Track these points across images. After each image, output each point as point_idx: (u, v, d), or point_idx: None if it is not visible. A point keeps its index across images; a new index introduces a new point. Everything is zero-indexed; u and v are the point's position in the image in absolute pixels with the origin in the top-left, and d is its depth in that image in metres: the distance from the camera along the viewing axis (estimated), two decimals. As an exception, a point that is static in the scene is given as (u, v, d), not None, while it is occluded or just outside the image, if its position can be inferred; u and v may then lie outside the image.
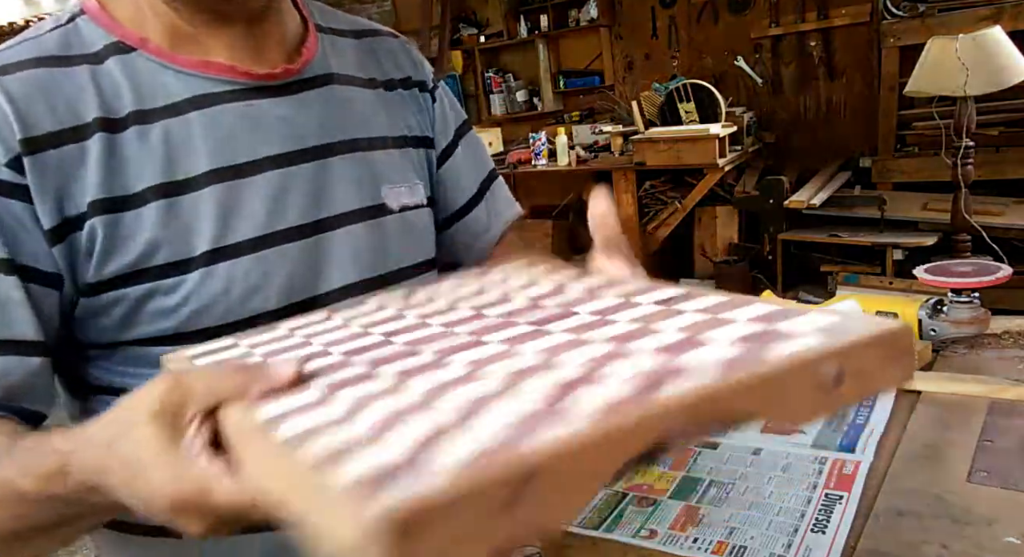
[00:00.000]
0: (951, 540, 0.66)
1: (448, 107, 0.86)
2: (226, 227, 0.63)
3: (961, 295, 1.06)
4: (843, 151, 3.75)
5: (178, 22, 0.65)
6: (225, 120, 0.65)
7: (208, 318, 0.63)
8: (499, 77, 5.01)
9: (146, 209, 0.61)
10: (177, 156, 0.63)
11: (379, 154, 0.74)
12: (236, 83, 0.66)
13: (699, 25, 4.14)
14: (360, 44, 0.79)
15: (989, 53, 2.45)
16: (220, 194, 0.63)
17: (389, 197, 0.74)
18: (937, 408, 0.89)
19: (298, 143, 0.68)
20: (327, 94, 0.72)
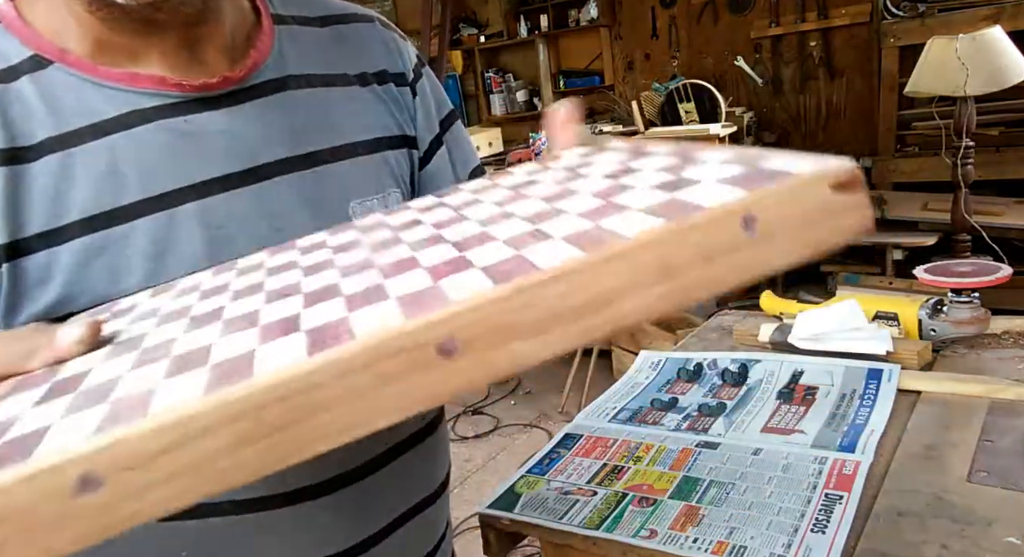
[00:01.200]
0: (951, 540, 0.66)
1: (432, 100, 0.77)
2: (160, 265, 0.55)
3: (961, 295, 1.06)
4: (843, 151, 3.75)
5: (104, 31, 0.57)
6: (156, 141, 0.56)
7: None
8: (499, 77, 5.02)
9: (64, 249, 0.53)
10: (102, 185, 0.54)
11: (346, 165, 0.66)
12: (168, 96, 0.58)
13: (699, 25, 4.14)
14: (327, 33, 0.70)
15: (989, 53, 2.45)
16: (152, 227, 0.55)
17: (358, 213, 0.65)
18: (937, 408, 0.89)
19: (245, 162, 0.59)
20: (281, 102, 0.63)
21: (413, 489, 0.72)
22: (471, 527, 2.24)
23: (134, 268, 0.54)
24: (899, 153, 3.38)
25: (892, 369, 0.97)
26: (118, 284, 0.54)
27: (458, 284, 0.30)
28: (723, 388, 1.04)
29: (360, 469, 0.65)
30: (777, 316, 1.21)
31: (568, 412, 3.19)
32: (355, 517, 0.65)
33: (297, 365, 0.28)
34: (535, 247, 0.32)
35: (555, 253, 0.30)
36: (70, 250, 0.53)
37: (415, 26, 4.79)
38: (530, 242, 0.32)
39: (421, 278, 0.33)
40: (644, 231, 0.29)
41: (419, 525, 0.72)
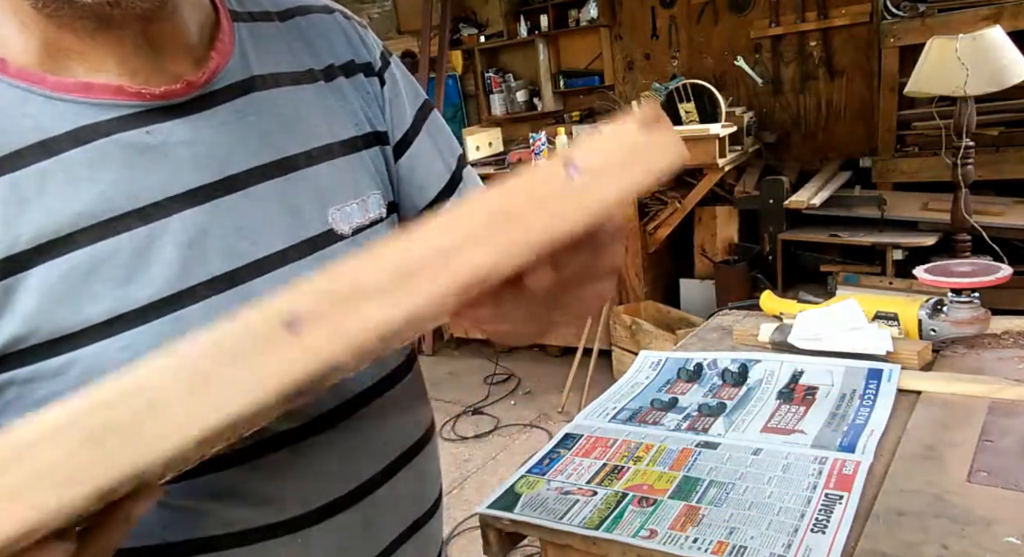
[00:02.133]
0: (951, 540, 0.66)
1: (403, 90, 0.73)
2: (128, 290, 0.51)
3: (961, 295, 1.06)
4: (843, 151, 3.75)
5: (54, 35, 0.51)
6: (116, 155, 0.52)
7: None
8: (499, 77, 5.01)
9: (21, 278, 0.49)
10: (58, 207, 0.50)
11: (322, 168, 0.62)
12: (127, 106, 0.53)
13: (699, 25, 4.14)
14: (287, 27, 0.66)
15: (989, 53, 2.45)
16: (119, 248, 0.51)
17: (338, 220, 0.62)
18: (937, 408, 0.89)
19: (215, 173, 0.55)
20: (247, 106, 0.59)
21: (410, 508, 0.71)
22: (471, 527, 2.24)
23: (100, 295, 0.50)
24: (899, 153, 3.38)
25: (892, 369, 0.97)
26: (82, 313, 0.50)
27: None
28: (723, 388, 1.04)
29: (357, 492, 0.64)
30: (777, 316, 1.21)
31: (568, 412, 3.19)
32: (356, 541, 0.64)
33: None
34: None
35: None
36: (27, 279, 0.49)
37: (415, 26, 4.79)
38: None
39: None
40: (477, 191, 0.35)
41: (418, 543, 0.72)
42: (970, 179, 2.62)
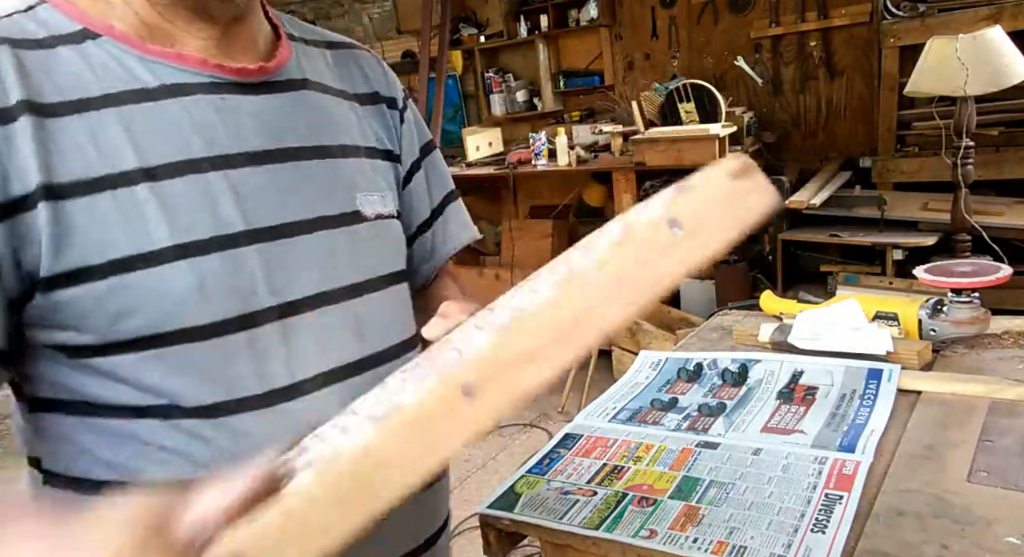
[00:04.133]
0: (951, 540, 0.66)
1: (415, 128, 0.85)
2: (194, 221, 0.60)
3: (961, 295, 1.06)
4: (843, 151, 3.75)
5: (152, 16, 0.63)
6: (199, 110, 0.63)
7: (177, 319, 0.59)
8: (499, 77, 5.01)
9: (113, 195, 0.58)
10: (148, 143, 0.60)
11: (352, 162, 0.73)
12: (209, 76, 0.64)
13: (699, 25, 4.14)
14: (332, 55, 0.79)
15: (989, 53, 2.45)
16: (191, 186, 0.61)
17: (364, 205, 0.72)
18: (937, 408, 0.89)
19: (274, 142, 0.66)
20: (302, 98, 0.71)
21: (423, 527, 0.77)
22: (471, 527, 2.24)
23: (171, 223, 0.59)
24: (899, 153, 3.38)
25: (892, 369, 0.97)
26: (153, 235, 0.58)
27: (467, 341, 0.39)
28: (723, 388, 1.04)
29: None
30: (777, 316, 1.21)
31: (568, 412, 3.19)
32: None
33: None
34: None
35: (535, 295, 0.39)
36: (116, 198, 0.58)
37: (415, 26, 4.79)
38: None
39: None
40: (596, 253, 0.38)
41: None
42: (970, 179, 2.62)
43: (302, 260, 0.66)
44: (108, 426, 0.61)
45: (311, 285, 0.66)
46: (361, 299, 0.70)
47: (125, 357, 0.59)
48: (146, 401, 0.60)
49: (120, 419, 0.61)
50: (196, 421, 0.61)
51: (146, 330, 0.59)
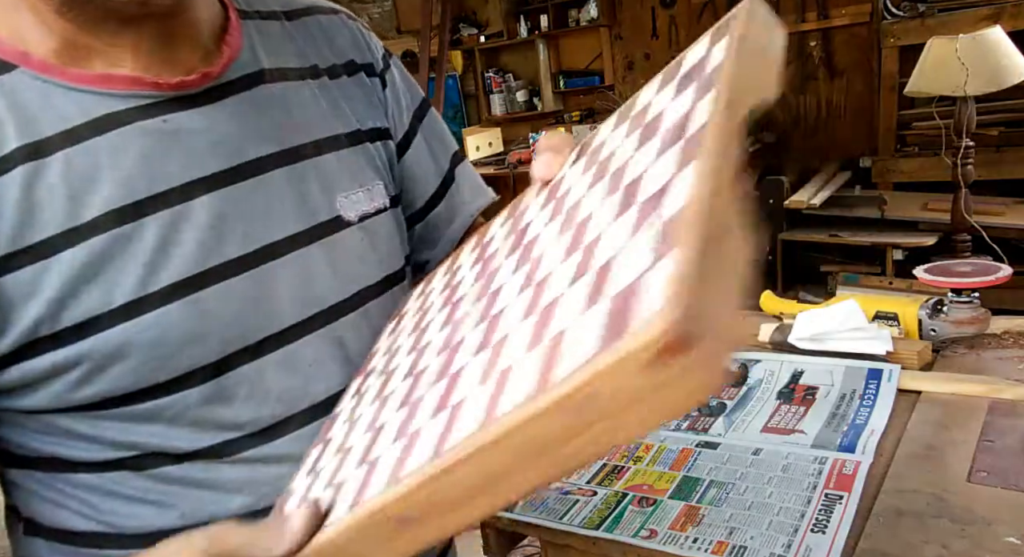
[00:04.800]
0: (951, 540, 0.66)
1: (401, 90, 0.75)
2: (151, 270, 0.53)
3: (961, 295, 1.06)
4: (843, 151, 3.75)
5: (70, 31, 0.53)
6: (137, 143, 0.54)
7: (142, 378, 0.54)
8: (499, 77, 5.01)
9: (50, 263, 0.50)
10: (82, 194, 0.51)
11: (329, 158, 0.65)
12: (144, 96, 0.55)
13: (699, 25, 4.14)
14: (293, 26, 0.68)
15: (989, 53, 2.45)
16: (142, 231, 0.53)
17: (345, 207, 0.64)
18: (937, 408, 0.89)
19: (230, 160, 0.58)
20: (258, 97, 0.61)
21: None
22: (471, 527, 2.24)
23: (125, 278, 0.52)
24: (899, 153, 3.38)
25: (892, 369, 0.97)
26: (109, 296, 0.51)
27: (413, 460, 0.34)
28: (723, 388, 1.04)
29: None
30: (777, 316, 1.21)
31: (568, 412, 3.18)
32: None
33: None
34: (452, 418, 0.34)
35: (461, 430, 0.32)
36: (55, 265, 0.50)
37: (415, 26, 4.79)
38: (445, 411, 0.35)
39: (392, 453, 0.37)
40: (506, 417, 0.28)
41: None
42: (970, 179, 2.62)
43: (274, 290, 0.59)
44: (82, 480, 0.57)
45: (287, 316, 0.60)
46: (344, 320, 0.64)
47: (85, 417, 0.55)
48: (118, 454, 0.56)
49: (92, 473, 0.57)
50: (173, 468, 0.57)
51: (107, 393, 0.54)
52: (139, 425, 0.56)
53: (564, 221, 0.42)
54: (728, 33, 0.40)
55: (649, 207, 0.32)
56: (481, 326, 0.40)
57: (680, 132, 0.36)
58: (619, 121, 0.49)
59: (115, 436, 0.56)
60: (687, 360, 0.23)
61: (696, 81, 0.40)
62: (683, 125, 0.36)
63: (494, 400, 0.30)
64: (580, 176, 0.47)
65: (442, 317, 0.50)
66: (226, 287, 0.56)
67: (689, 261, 0.24)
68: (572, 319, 0.30)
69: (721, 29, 0.42)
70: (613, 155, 0.44)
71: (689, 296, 0.23)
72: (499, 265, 0.47)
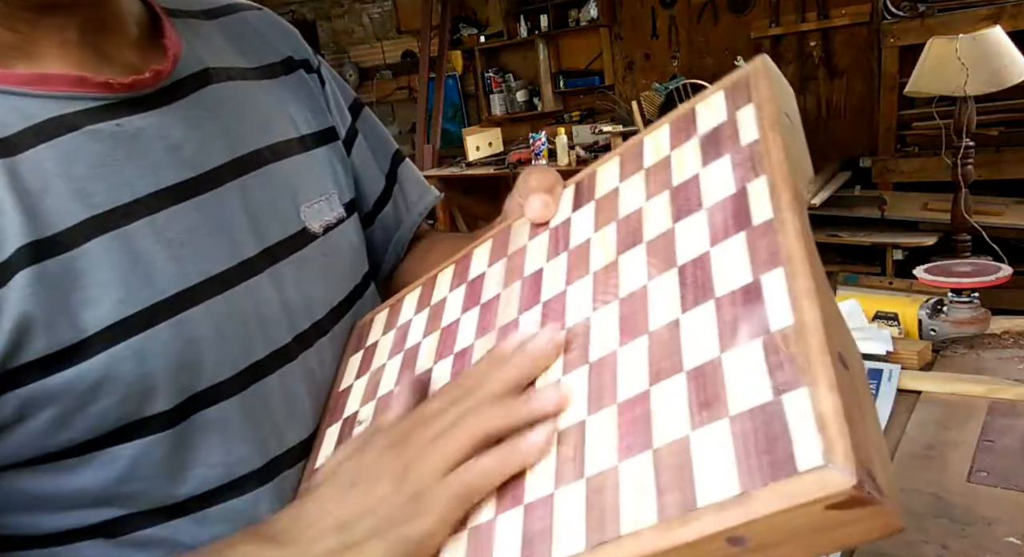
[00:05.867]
0: (951, 540, 0.66)
1: (337, 87, 0.70)
2: (129, 290, 0.46)
3: (961, 295, 1.06)
4: (843, 151, 3.75)
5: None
6: (89, 150, 0.47)
7: (126, 411, 0.46)
8: (499, 77, 5.02)
9: (8, 289, 0.43)
10: (33, 207, 0.44)
11: (287, 164, 0.59)
12: (92, 98, 0.48)
13: (699, 25, 4.14)
14: (218, 25, 0.62)
15: (989, 53, 2.45)
16: (108, 248, 0.46)
17: (310, 218, 0.58)
18: (937, 408, 0.89)
19: (193, 168, 0.51)
20: (209, 98, 0.55)
21: None
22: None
23: (98, 299, 0.45)
24: (899, 153, 3.38)
25: (892, 369, 0.97)
26: (81, 319, 0.44)
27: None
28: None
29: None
30: (777, 316, 1.21)
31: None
32: None
33: None
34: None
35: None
36: (15, 287, 0.43)
37: (415, 26, 4.79)
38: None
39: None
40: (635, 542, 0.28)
41: None
42: (970, 179, 2.62)
43: (256, 311, 0.52)
44: (53, 554, 0.48)
45: (271, 340, 0.53)
46: (317, 344, 0.58)
47: (54, 471, 0.47)
48: (86, 521, 0.48)
49: (53, 547, 0.48)
50: (158, 530, 0.49)
51: (80, 437, 0.46)
52: (109, 484, 0.47)
53: (599, 288, 0.39)
54: (753, 99, 0.38)
55: (736, 309, 0.31)
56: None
57: (741, 218, 0.34)
58: (629, 168, 0.45)
59: (82, 501, 0.47)
60: (866, 509, 0.25)
61: (729, 151, 0.37)
62: (739, 210, 0.34)
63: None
64: (597, 230, 0.43)
65: (446, 367, 0.47)
66: (209, 308, 0.49)
67: (835, 401, 0.25)
68: (683, 439, 0.29)
69: (739, 88, 0.40)
70: (641, 217, 0.41)
71: (856, 450, 0.24)
72: (512, 317, 0.44)
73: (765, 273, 0.31)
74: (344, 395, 0.57)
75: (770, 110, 0.37)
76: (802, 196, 0.34)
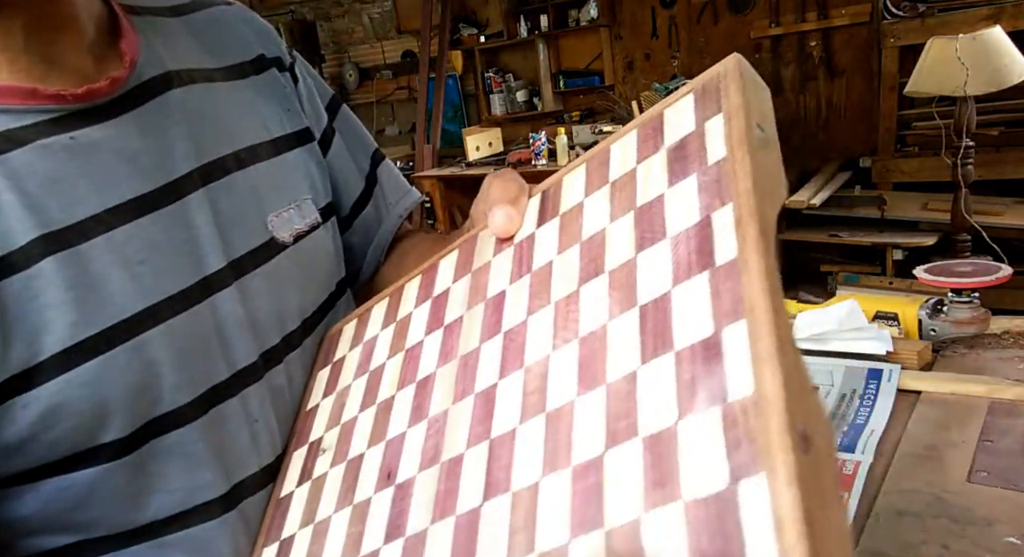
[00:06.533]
0: (951, 540, 0.66)
1: (312, 85, 0.67)
2: (84, 312, 0.44)
3: (961, 295, 1.06)
4: (843, 151, 3.75)
5: None
6: (41, 166, 0.44)
7: (79, 439, 0.44)
8: (499, 77, 5.02)
9: None
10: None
11: (255, 171, 0.56)
12: (45, 111, 0.46)
13: (699, 25, 4.14)
14: (183, 23, 0.59)
15: (989, 53, 2.45)
16: (62, 268, 0.43)
17: (278, 228, 0.56)
18: (937, 408, 0.89)
19: (152, 180, 0.49)
20: (170, 104, 0.52)
21: None
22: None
23: (52, 323, 0.43)
24: (899, 153, 3.38)
25: (892, 369, 0.97)
26: (34, 340, 0.42)
27: None
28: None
29: None
30: (777, 316, 1.21)
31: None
32: None
33: None
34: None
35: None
36: None
37: (415, 26, 4.79)
38: None
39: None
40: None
41: None
42: (970, 179, 2.63)
43: (219, 329, 0.51)
44: None
45: (235, 360, 0.51)
46: (282, 365, 0.56)
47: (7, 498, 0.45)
48: (42, 547, 0.47)
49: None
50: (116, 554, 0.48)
51: (31, 465, 0.44)
52: (74, 509, 0.46)
53: (560, 323, 0.38)
54: (723, 108, 0.36)
55: (696, 367, 0.29)
56: (482, 449, 0.36)
57: (704, 255, 0.32)
58: (595, 181, 0.43)
59: (45, 527, 0.46)
60: None
61: (696, 171, 0.35)
62: (703, 245, 0.32)
63: None
64: (560, 252, 0.42)
65: (408, 398, 0.46)
66: (169, 328, 0.47)
67: (793, 496, 0.23)
68: (635, 522, 0.27)
69: (709, 92, 0.38)
70: (604, 241, 0.39)
71: (813, 553, 0.22)
72: (474, 347, 0.43)
73: (726, 326, 0.29)
74: (311, 415, 0.56)
75: (739, 124, 0.34)
76: (771, 225, 0.32)
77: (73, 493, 0.45)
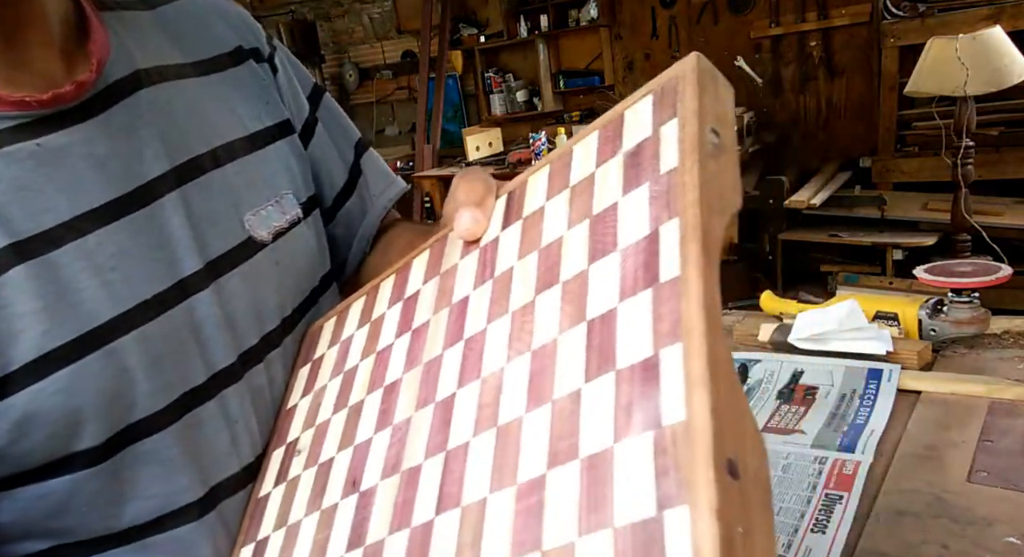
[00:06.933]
0: (951, 540, 0.66)
1: (293, 75, 0.66)
2: (55, 320, 0.43)
3: (961, 295, 1.06)
4: (843, 151, 3.75)
5: None
6: (7, 174, 0.44)
7: (53, 448, 0.44)
8: (499, 77, 5.02)
9: None
10: None
11: (229, 169, 0.55)
12: (7, 118, 0.45)
13: (699, 25, 4.14)
14: (157, 15, 0.57)
15: (989, 53, 2.45)
16: (32, 277, 0.43)
17: (255, 226, 0.55)
18: (937, 408, 0.89)
19: (122, 185, 0.48)
20: (139, 105, 0.51)
21: None
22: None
23: (23, 332, 0.42)
24: (899, 153, 3.38)
25: (892, 369, 0.97)
26: (4, 351, 0.42)
27: None
28: (723, 388, 1.04)
29: None
30: (777, 316, 1.21)
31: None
32: None
33: None
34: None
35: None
36: None
37: (415, 26, 4.80)
38: None
39: None
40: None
41: None
42: (970, 179, 2.63)
43: (203, 328, 0.50)
44: None
45: (212, 362, 0.51)
46: (262, 364, 0.55)
47: None
48: (18, 552, 0.47)
49: None
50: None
51: (4, 473, 0.44)
52: (50, 511, 0.46)
53: (516, 333, 0.38)
54: (678, 112, 0.35)
55: (634, 389, 0.29)
56: (439, 460, 0.37)
57: (649, 271, 0.32)
58: (556, 184, 0.43)
59: (20, 527, 0.46)
60: None
61: (649, 180, 0.35)
62: (649, 260, 0.32)
63: None
64: (520, 258, 0.41)
65: (375, 403, 0.46)
66: (142, 334, 0.47)
67: (713, 528, 0.23)
68: (569, 546, 0.28)
69: (667, 94, 0.37)
70: (561, 250, 0.39)
71: None
72: (437, 353, 0.43)
73: (664, 347, 0.29)
74: (290, 415, 0.56)
75: (692, 130, 0.33)
76: (718, 240, 0.30)
77: (50, 501, 0.45)
